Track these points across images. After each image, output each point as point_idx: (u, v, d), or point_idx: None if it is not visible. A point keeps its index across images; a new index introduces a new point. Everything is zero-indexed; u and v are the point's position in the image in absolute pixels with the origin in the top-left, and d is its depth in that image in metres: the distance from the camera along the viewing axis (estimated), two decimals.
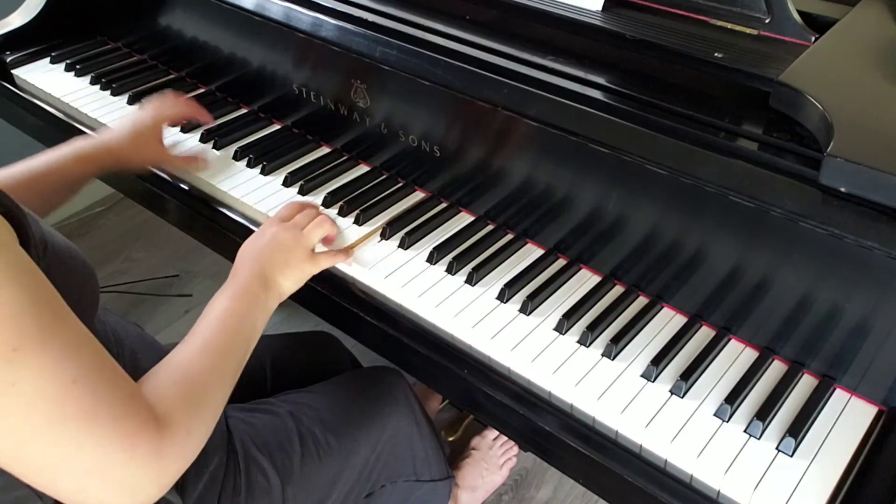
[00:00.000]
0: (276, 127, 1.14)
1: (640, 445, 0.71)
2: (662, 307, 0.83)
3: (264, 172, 1.03)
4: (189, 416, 0.63)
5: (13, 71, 1.26)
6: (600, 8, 0.91)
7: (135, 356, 0.84)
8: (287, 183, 1.01)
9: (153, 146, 1.02)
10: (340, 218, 0.95)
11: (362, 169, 1.05)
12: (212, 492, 0.83)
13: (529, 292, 0.84)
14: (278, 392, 1.01)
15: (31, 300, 0.53)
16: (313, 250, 0.87)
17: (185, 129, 1.12)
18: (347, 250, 0.90)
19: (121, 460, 0.56)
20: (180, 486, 0.81)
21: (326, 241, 0.91)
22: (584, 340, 0.79)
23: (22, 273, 0.54)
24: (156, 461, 0.58)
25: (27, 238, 0.58)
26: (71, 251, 0.70)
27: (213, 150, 1.08)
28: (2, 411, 0.51)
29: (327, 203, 0.97)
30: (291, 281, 0.83)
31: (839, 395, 0.74)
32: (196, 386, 0.66)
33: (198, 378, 0.67)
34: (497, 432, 1.48)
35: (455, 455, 1.46)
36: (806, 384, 0.75)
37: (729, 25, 0.86)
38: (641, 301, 0.84)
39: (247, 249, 0.84)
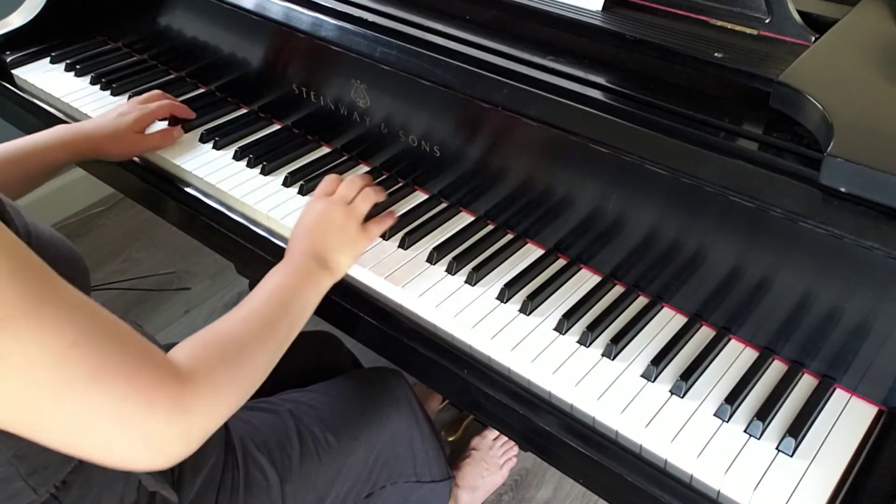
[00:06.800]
0: (276, 127, 1.14)
1: (640, 445, 0.71)
2: (662, 307, 0.83)
3: (264, 172, 1.03)
4: (216, 373, 0.62)
5: (13, 71, 1.26)
6: (600, 8, 0.91)
7: None
8: (287, 183, 1.01)
9: (132, 139, 1.04)
10: None
11: (362, 169, 1.05)
12: (209, 489, 0.83)
13: (529, 292, 0.84)
14: (278, 391, 1.01)
15: (16, 269, 0.52)
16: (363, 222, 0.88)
17: (185, 129, 1.12)
18: (392, 214, 0.93)
19: (141, 415, 0.56)
20: (177, 484, 0.81)
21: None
22: (584, 340, 0.79)
23: (5, 245, 0.53)
24: (180, 415, 0.57)
25: (7, 225, 0.58)
26: (56, 242, 0.70)
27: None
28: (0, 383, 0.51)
29: None
30: (347, 257, 0.85)
31: (839, 395, 0.74)
32: (229, 347, 0.66)
33: (233, 340, 0.67)
34: (497, 432, 1.49)
35: (455, 455, 1.47)
36: (806, 384, 0.75)
37: (729, 25, 0.86)
38: (641, 301, 0.84)
39: (298, 228, 0.86)
